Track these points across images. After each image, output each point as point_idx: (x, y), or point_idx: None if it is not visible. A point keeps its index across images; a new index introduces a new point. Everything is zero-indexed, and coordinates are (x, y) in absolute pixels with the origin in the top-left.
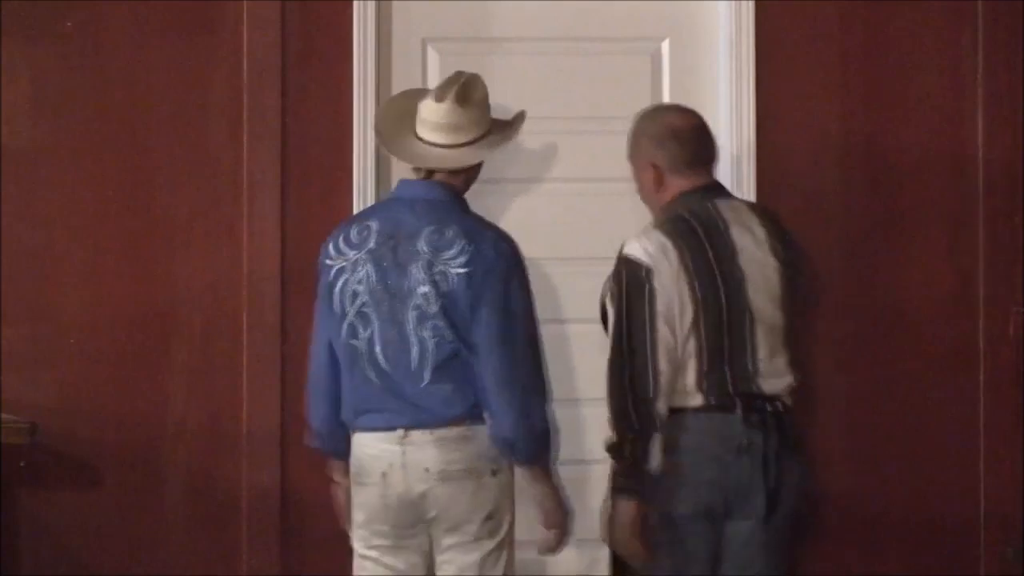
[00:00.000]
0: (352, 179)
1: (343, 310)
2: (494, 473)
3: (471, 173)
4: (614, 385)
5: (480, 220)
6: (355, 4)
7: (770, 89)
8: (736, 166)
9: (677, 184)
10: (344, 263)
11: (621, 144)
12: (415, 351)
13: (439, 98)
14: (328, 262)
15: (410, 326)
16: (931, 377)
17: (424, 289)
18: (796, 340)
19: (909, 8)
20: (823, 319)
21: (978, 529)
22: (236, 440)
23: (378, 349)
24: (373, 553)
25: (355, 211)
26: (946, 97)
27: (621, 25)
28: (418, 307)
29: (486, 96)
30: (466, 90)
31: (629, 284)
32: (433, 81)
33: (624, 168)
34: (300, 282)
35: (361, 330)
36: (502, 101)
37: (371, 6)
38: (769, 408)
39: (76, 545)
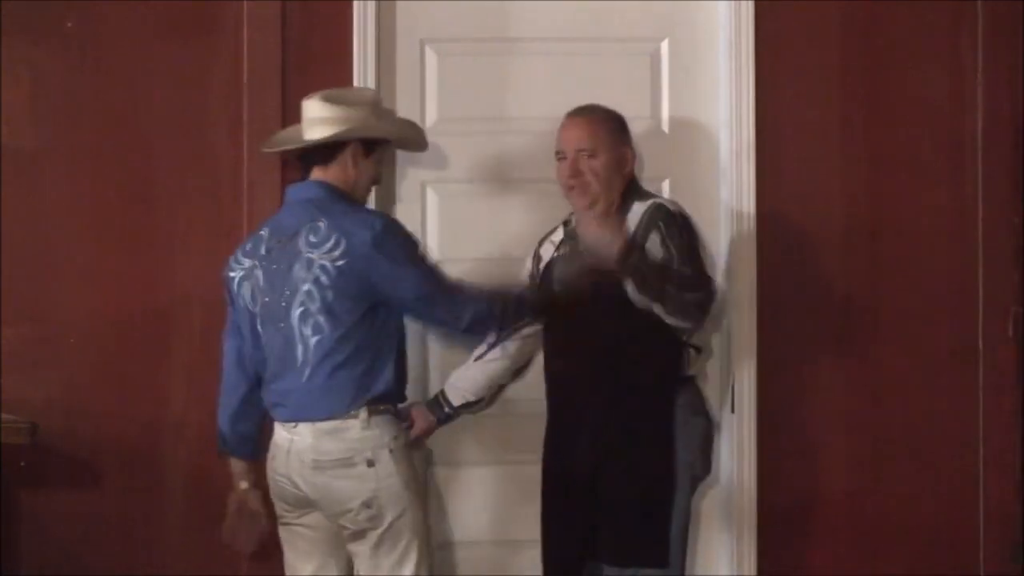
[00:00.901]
0: None
1: (251, 316)
2: (370, 464)
3: (350, 168)
4: (692, 294)
5: (356, 209)
6: (355, 4)
7: (770, 89)
8: (736, 166)
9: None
10: (243, 272)
11: None
12: (299, 349)
13: (309, 96)
14: (231, 274)
15: (295, 325)
16: (930, 377)
17: (307, 287)
18: None
19: (909, 8)
20: (822, 320)
21: (978, 529)
22: None
23: (275, 350)
24: (283, 519)
25: None
26: (946, 96)
27: (621, 25)
28: (302, 304)
29: (366, 101)
30: (339, 92)
31: (695, 233)
32: (432, 81)
33: None
34: None
35: (262, 332)
36: (503, 101)
37: (371, 6)
38: None
39: (76, 545)
